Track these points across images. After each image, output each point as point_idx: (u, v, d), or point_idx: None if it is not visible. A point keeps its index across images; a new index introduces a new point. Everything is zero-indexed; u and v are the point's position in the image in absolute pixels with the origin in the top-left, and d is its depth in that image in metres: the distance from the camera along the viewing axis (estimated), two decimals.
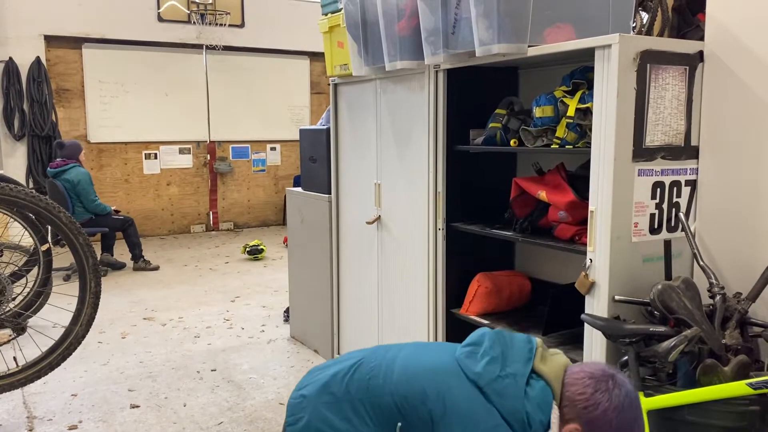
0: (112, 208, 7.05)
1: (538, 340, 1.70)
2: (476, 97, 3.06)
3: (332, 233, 4.05)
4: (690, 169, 2.38)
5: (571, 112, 2.42)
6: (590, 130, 2.28)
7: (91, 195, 6.68)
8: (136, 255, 7.04)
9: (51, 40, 8.20)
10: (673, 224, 2.36)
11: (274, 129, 9.91)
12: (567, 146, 2.47)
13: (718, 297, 2.10)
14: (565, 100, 2.48)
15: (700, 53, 2.33)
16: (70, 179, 6.57)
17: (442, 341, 3.12)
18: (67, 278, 6.32)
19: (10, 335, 3.54)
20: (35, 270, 3.97)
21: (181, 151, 9.32)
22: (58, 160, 6.75)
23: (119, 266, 7.04)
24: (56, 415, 3.52)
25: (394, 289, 3.49)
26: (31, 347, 3.50)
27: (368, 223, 3.62)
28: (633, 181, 2.23)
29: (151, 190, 9.16)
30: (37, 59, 7.97)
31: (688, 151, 2.36)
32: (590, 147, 2.26)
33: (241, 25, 9.34)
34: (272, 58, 9.73)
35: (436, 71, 2.99)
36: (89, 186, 6.68)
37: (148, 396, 3.76)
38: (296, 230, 4.57)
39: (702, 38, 2.36)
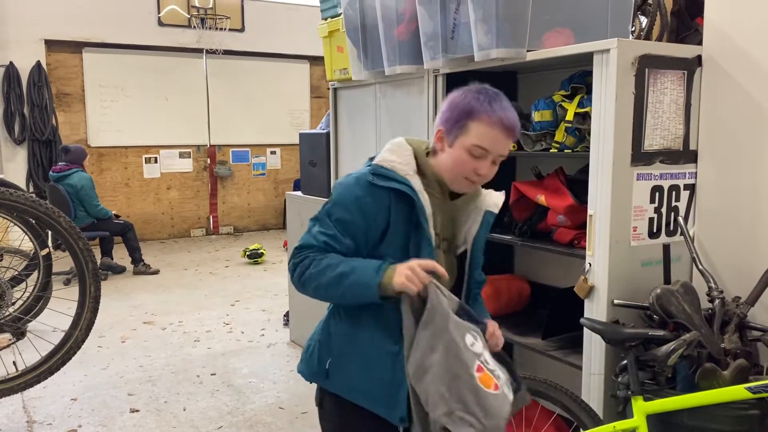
0: (113, 212, 7.07)
1: None
2: None
3: None
4: (689, 173, 2.38)
5: (569, 116, 2.43)
6: (589, 134, 2.28)
7: (94, 200, 6.72)
8: (136, 259, 7.05)
9: (51, 45, 8.22)
10: (672, 228, 2.36)
11: (274, 133, 9.92)
12: (566, 150, 2.47)
13: (717, 301, 2.10)
14: (563, 104, 2.48)
15: (699, 57, 2.33)
16: (72, 184, 6.59)
17: None
18: (67, 282, 6.32)
19: (10, 340, 3.54)
20: (35, 274, 3.97)
21: (182, 155, 9.32)
22: (60, 164, 6.77)
23: (119, 270, 7.04)
24: (56, 419, 3.52)
25: None
26: (30, 352, 3.50)
27: None
28: (632, 185, 2.24)
29: (152, 194, 9.16)
30: (38, 63, 7.98)
31: (686, 155, 2.36)
32: (589, 151, 2.27)
33: (241, 30, 9.35)
34: (272, 62, 9.74)
35: (435, 75, 3.00)
36: (92, 191, 6.71)
37: (147, 400, 3.76)
38: (296, 234, 4.57)
39: (701, 42, 2.37)
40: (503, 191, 1.79)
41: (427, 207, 1.62)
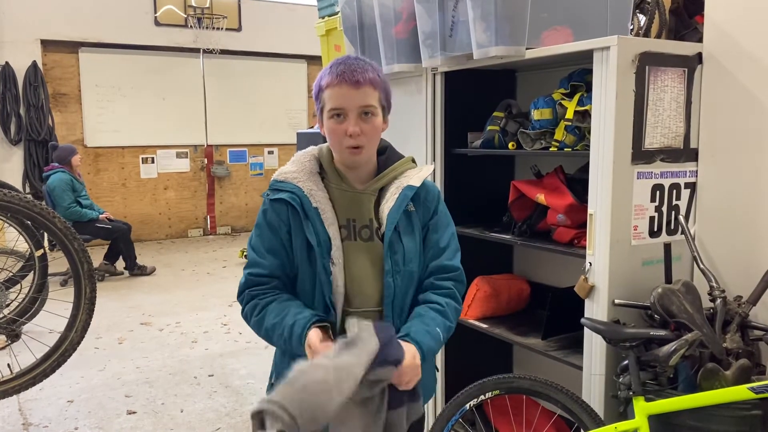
0: (104, 215, 6.94)
1: None
2: (474, 99, 3.04)
3: None
4: (689, 171, 2.36)
5: (569, 114, 2.41)
6: (589, 132, 2.27)
7: (65, 202, 6.53)
8: (129, 266, 6.97)
9: (47, 45, 8.19)
10: (672, 227, 2.34)
11: (272, 133, 9.90)
12: (565, 149, 2.45)
13: (718, 300, 2.08)
14: (563, 102, 2.46)
15: (699, 55, 2.32)
16: (48, 184, 6.55)
17: None
18: (64, 283, 6.28)
19: (5, 342, 3.51)
20: (30, 275, 3.94)
21: (179, 155, 9.30)
22: (52, 163, 6.76)
23: (118, 273, 7.00)
24: (52, 422, 3.49)
25: None
26: (26, 354, 3.47)
27: None
28: (632, 183, 2.22)
29: (148, 195, 9.13)
30: (34, 64, 7.96)
31: (687, 153, 2.35)
32: (589, 150, 2.25)
33: (238, 29, 9.33)
34: (269, 61, 9.72)
35: (434, 74, 2.98)
36: (63, 193, 6.54)
37: (144, 402, 3.74)
38: None
39: (700, 40, 2.35)
40: (433, 164, 1.78)
41: (321, 203, 1.66)
